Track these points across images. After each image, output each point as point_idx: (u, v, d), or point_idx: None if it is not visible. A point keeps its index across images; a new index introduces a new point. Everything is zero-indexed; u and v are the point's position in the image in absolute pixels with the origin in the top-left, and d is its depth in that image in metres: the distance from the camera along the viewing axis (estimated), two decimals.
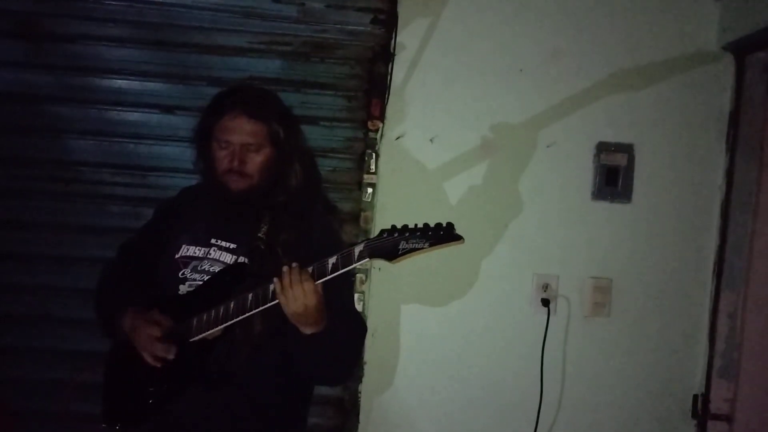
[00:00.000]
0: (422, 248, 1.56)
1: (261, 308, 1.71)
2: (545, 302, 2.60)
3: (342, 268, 1.64)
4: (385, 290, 2.60)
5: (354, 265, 1.63)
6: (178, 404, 1.81)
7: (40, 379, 2.55)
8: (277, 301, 1.67)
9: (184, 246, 1.92)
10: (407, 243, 1.56)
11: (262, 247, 1.84)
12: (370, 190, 2.58)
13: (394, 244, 1.57)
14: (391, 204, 2.58)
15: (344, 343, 1.77)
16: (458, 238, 1.55)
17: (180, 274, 1.89)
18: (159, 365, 1.79)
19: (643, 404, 2.66)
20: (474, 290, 2.61)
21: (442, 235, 1.55)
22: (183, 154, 2.35)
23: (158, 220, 2.06)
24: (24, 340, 2.58)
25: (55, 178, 2.57)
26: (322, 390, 2.36)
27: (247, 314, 1.73)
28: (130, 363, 1.85)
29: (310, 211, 1.91)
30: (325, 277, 1.66)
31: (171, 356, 1.78)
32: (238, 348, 1.78)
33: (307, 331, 1.68)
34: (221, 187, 1.86)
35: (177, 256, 1.91)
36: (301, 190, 1.90)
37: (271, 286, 1.69)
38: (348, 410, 2.58)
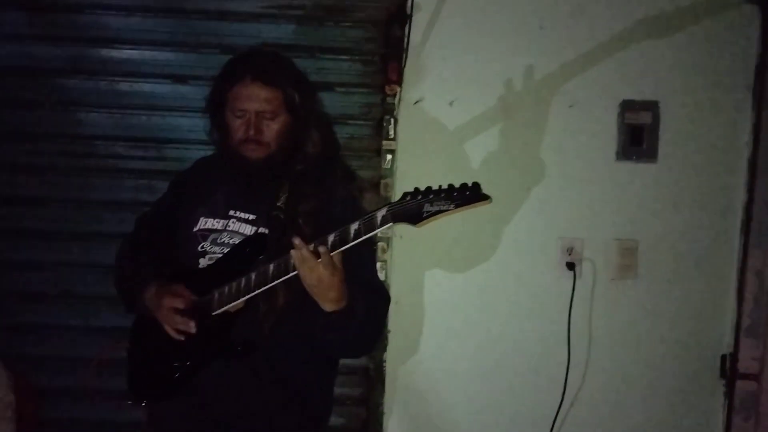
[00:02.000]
0: (448, 210, 1.49)
1: (282, 279, 1.67)
2: (570, 266, 2.55)
3: (365, 234, 1.57)
4: (407, 258, 2.56)
5: (377, 231, 1.57)
6: (202, 377, 1.78)
7: (62, 356, 2.54)
8: (296, 272, 1.62)
9: (202, 219, 1.88)
10: (432, 205, 1.50)
11: (282, 217, 1.80)
12: (389, 156, 2.52)
13: (418, 207, 1.50)
14: (411, 170, 2.53)
15: (367, 319, 1.71)
16: (485, 197, 1.49)
17: (199, 248, 1.85)
18: (182, 339, 1.77)
19: (671, 366, 2.63)
20: (497, 256, 2.57)
21: (468, 195, 1.48)
22: (197, 124, 2.20)
23: (174, 193, 2.02)
24: (45, 317, 2.57)
25: (69, 153, 2.53)
26: (347, 360, 2.30)
27: (269, 286, 1.69)
28: (154, 338, 1.82)
29: (329, 179, 1.86)
30: (348, 244, 1.60)
31: (192, 330, 1.74)
32: (261, 320, 1.75)
33: (328, 307, 1.63)
34: (238, 157, 1.81)
35: (195, 230, 1.87)
36: (319, 158, 1.86)
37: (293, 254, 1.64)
38: (373, 379, 2.55)
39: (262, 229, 1.82)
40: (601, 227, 2.58)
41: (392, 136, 2.51)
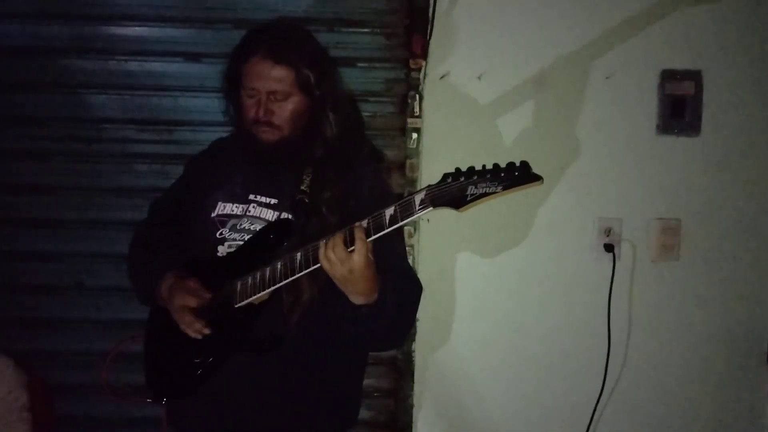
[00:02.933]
0: (495, 192, 1.36)
1: (311, 269, 1.55)
2: (608, 248, 2.42)
3: (401, 220, 1.45)
4: (435, 243, 2.44)
5: (415, 216, 1.44)
6: (226, 373, 1.68)
7: (76, 351, 2.46)
8: None
9: (220, 203, 1.78)
10: (476, 187, 1.37)
11: (307, 201, 1.69)
12: (414, 135, 2.39)
13: (461, 189, 1.38)
14: (438, 149, 2.41)
15: (399, 312, 1.61)
16: (536, 178, 1.36)
17: (218, 234, 1.74)
18: (199, 337, 1.67)
19: (715, 351, 2.50)
20: (531, 238, 2.45)
21: (518, 176, 1.36)
22: (212, 105, 2.25)
23: (189, 177, 1.92)
24: (56, 310, 2.48)
25: (76, 138, 2.43)
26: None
27: (297, 276, 1.57)
28: (172, 332, 1.72)
29: (354, 161, 1.75)
30: (382, 231, 1.48)
31: (203, 333, 1.65)
32: (286, 313, 1.64)
33: (358, 300, 1.53)
34: (251, 138, 1.71)
35: (213, 215, 1.77)
36: (341, 140, 1.74)
37: (321, 244, 1.53)
38: (402, 370, 2.45)
39: (285, 214, 1.72)
40: (640, 206, 2.45)
41: (417, 114, 2.39)
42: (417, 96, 2.38)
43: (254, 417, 1.70)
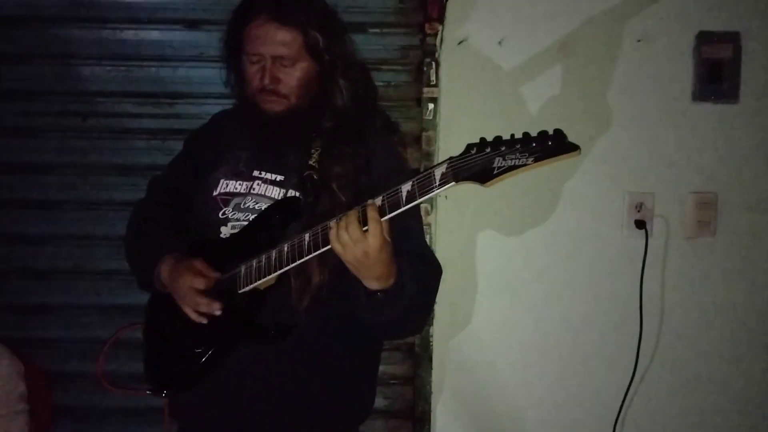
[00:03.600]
0: (525, 165, 1.23)
1: (322, 251, 1.42)
2: (640, 224, 2.27)
3: (420, 197, 1.32)
4: (454, 220, 2.30)
5: (435, 192, 1.31)
6: (230, 364, 1.57)
7: (74, 339, 2.35)
8: None
9: (222, 181, 1.66)
10: (504, 159, 1.24)
11: (315, 177, 1.56)
12: (431, 105, 2.24)
13: (488, 161, 1.24)
14: (457, 121, 2.26)
15: (418, 297, 1.48)
16: (573, 147, 1.22)
17: (220, 214, 1.63)
18: (205, 322, 1.55)
19: (752, 333, 2.35)
20: (556, 215, 2.30)
21: (551, 146, 1.22)
22: (214, 75, 2.04)
23: (189, 153, 1.80)
24: (53, 296, 2.36)
25: (70, 113, 2.31)
26: None
27: (306, 259, 1.45)
28: (173, 319, 1.61)
29: (367, 133, 1.62)
30: (399, 209, 1.34)
31: (217, 312, 1.53)
32: (294, 299, 1.52)
33: (373, 285, 1.40)
34: (255, 109, 1.60)
35: (215, 194, 1.65)
36: (352, 111, 1.62)
37: (332, 224, 1.40)
38: (419, 356, 2.32)
39: (292, 192, 1.59)
40: (674, 179, 2.29)
41: (434, 82, 2.24)
42: (433, 63, 2.24)
43: (261, 412, 1.59)
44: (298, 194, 1.58)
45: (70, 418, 2.33)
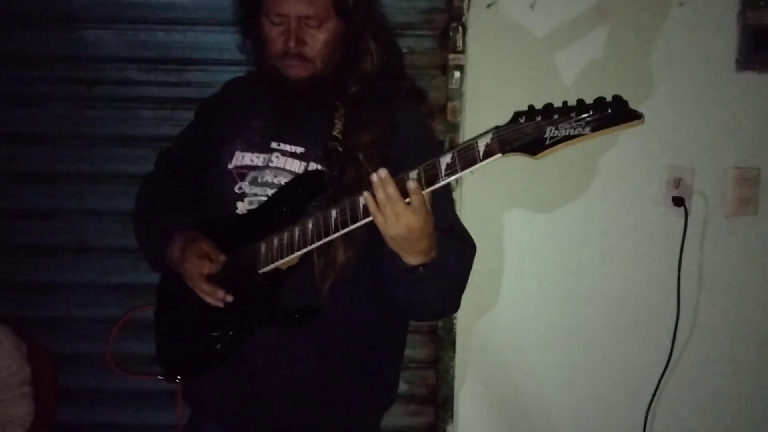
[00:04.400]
0: (582, 135, 1.12)
1: (350, 228, 1.32)
2: (678, 201, 2.15)
3: (462, 170, 1.21)
4: (480, 197, 2.19)
5: (479, 165, 1.20)
6: (249, 348, 1.47)
7: (81, 318, 2.26)
8: (370, 218, 1.28)
9: (238, 153, 1.56)
10: (557, 129, 1.13)
11: (340, 149, 1.45)
12: (457, 73, 2.12)
13: (538, 131, 1.14)
14: (485, 90, 2.13)
15: (457, 272, 1.40)
16: (635, 116, 1.11)
17: (236, 189, 1.53)
18: (220, 305, 1.45)
19: None
20: (590, 191, 2.18)
21: (611, 114, 1.11)
22: (225, 40, 2.05)
23: (201, 123, 1.70)
24: (58, 274, 2.26)
25: (73, 80, 2.19)
26: None
27: (334, 236, 1.34)
28: (188, 301, 1.51)
29: (392, 101, 1.52)
30: (438, 182, 1.24)
31: (223, 302, 1.44)
32: (319, 278, 1.42)
33: (413, 261, 1.30)
34: (277, 75, 1.47)
35: (230, 167, 1.55)
36: (379, 76, 1.51)
37: (362, 200, 1.29)
38: (443, 339, 2.22)
39: (314, 165, 1.49)
40: (715, 153, 2.18)
41: (461, 49, 2.11)
42: (460, 28, 2.11)
43: (281, 398, 1.50)
44: (320, 167, 1.47)
45: (77, 402, 2.24)
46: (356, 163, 1.43)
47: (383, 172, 1.24)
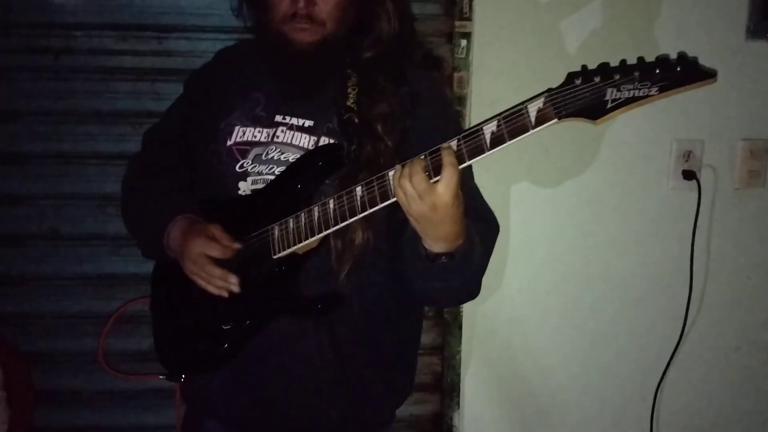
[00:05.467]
0: (648, 96, 1.07)
1: (381, 206, 1.20)
2: (688, 175, 2.07)
3: (510, 139, 1.11)
4: (485, 172, 1.98)
5: (531, 133, 1.10)
6: (260, 338, 1.35)
7: (54, 314, 2.06)
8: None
9: (238, 128, 1.41)
10: (619, 91, 1.05)
11: (356, 120, 1.32)
12: (463, 42, 1.97)
13: (597, 94, 1.06)
14: (492, 59, 2.00)
15: (483, 258, 1.30)
16: (709, 74, 1.06)
17: (238, 167, 1.39)
18: (226, 295, 1.32)
19: None
20: (597, 165, 2.08)
21: (680, 72, 1.06)
22: (211, 3, 1.90)
23: (193, 96, 1.54)
24: (28, 265, 2.06)
25: (40, 49, 1.97)
26: None
27: (359, 216, 1.22)
28: (191, 291, 1.37)
29: (407, 67, 1.39)
30: (482, 154, 1.14)
31: (235, 288, 1.30)
32: (337, 263, 1.30)
33: (439, 247, 1.18)
34: (281, 41, 1.33)
35: (230, 143, 1.40)
36: (394, 40, 1.38)
37: (392, 174, 1.17)
38: (449, 323, 2.10)
39: (325, 139, 1.36)
40: (724, 125, 2.09)
41: (467, 15, 1.97)
42: None
43: (295, 394, 1.37)
44: (332, 141, 1.34)
45: (55, 404, 2.06)
46: (374, 136, 1.31)
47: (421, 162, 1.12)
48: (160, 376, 1.46)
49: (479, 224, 1.30)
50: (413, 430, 2.15)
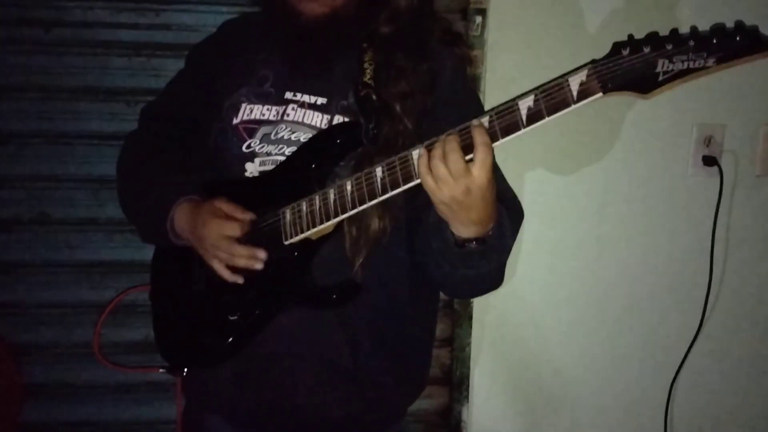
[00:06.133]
0: (704, 68, 1.00)
1: (402, 189, 1.12)
2: (709, 161, 2.00)
3: (549, 115, 1.04)
4: (498, 158, 1.94)
5: (573, 108, 1.03)
6: (269, 329, 1.26)
7: (43, 302, 1.97)
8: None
9: (245, 106, 1.33)
10: (672, 62, 0.98)
11: (374, 97, 1.23)
12: (478, 19, 1.89)
13: (647, 65, 0.99)
14: (508, 37, 1.92)
15: (512, 243, 1.23)
16: None
17: (244, 147, 1.30)
18: (240, 281, 1.23)
19: None
20: (613, 151, 2.00)
21: (740, 42, 0.98)
22: None
23: (196, 71, 1.45)
24: (15, 251, 1.97)
25: (30, 21, 1.88)
26: None
27: (379, 200, 1.14)
28: (195, 279, 1.31)
29: (427, 44, 1.31)
30: (518, 131, 1.08)
31: (260, 265, 1.21)
32: (351, 250, 1.22)
33: (467, 232, 1.11)
34: (288, 12, 1.26)
35: (236, 122, 1.32)
36: (415, 13, 1.30)
37: (415, 155, 1.09)
38: (459, 314, 2.02)
39: (339, 118, 1.27)
40: (747, 109, 2.01)
41: None
42: None
43: (307, 389, 1.28)
44: (346, 120, 1.25)
45: (44, 398, 1.96)
46: (392, 116, 1.22)
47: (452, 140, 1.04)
48: (161, 369, 1.39)
49: (511, 211, 1.24)
50: (421, 424, 2.07)
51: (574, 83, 1.00)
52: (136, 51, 1.90)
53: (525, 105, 1.05)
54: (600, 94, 0.99)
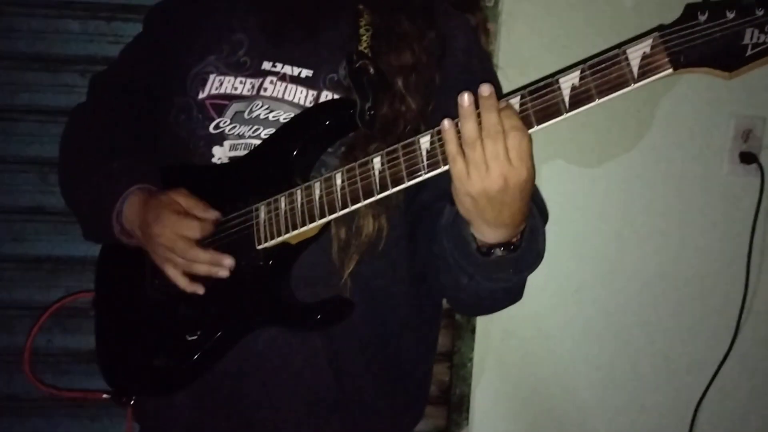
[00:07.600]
0: None
1: (406, 185, 0.93)
2: (747, 158, 1.82)
3: (600, 97, 0.87)
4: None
5: (632, 88, 0.85)
6: (241, 350, 1.08)
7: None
8: (436, 171, 0.91)
9: (213, 77, 1.15)
10: (764, 32, 0.79)
11: (372, 70, 1.05)
12: None
13: (731, 36, 0.80)
14: (523, 9, 1.74)
15: (542, 252, 1.03)
16: None
17: (212, 128, 1.12)
18: (200, 292, 1.05)
19: None
20: (644, 144, 1.84)
21: None
22: None
23: (156, 36, 1.26)
24: None
25: None
26: None
27: (377, 197, 0.95)
28: (145, 287, 1.13)
29: (435, 9, 1.15)
30: (559, 117, 0.89)
31: (224, 273, 1.03)
32: (339, 257, 1.05)
33: (494, 236, 0.93)
34: None
35: (202, 96, 1.14)
36: None
37: (423, 142, 0.92)
38: (461, 326, 1.85)
39: (327, 94, 1.09)
40: None
41: None
42: None
43: (286, 422, 1.11)
44: (336, 96, 1.07)
45: None
46: (392, 94, 1.05)
47: (487, 89, 0.84)
48: (104, 395, 1.17)
49: (538, 210, 1.05)
50: None
51: (635, 57, 0.82)
52: (93, 13, 1.74)
53: (568, 83, 0.88)
54: (670, 70, 0.82)
